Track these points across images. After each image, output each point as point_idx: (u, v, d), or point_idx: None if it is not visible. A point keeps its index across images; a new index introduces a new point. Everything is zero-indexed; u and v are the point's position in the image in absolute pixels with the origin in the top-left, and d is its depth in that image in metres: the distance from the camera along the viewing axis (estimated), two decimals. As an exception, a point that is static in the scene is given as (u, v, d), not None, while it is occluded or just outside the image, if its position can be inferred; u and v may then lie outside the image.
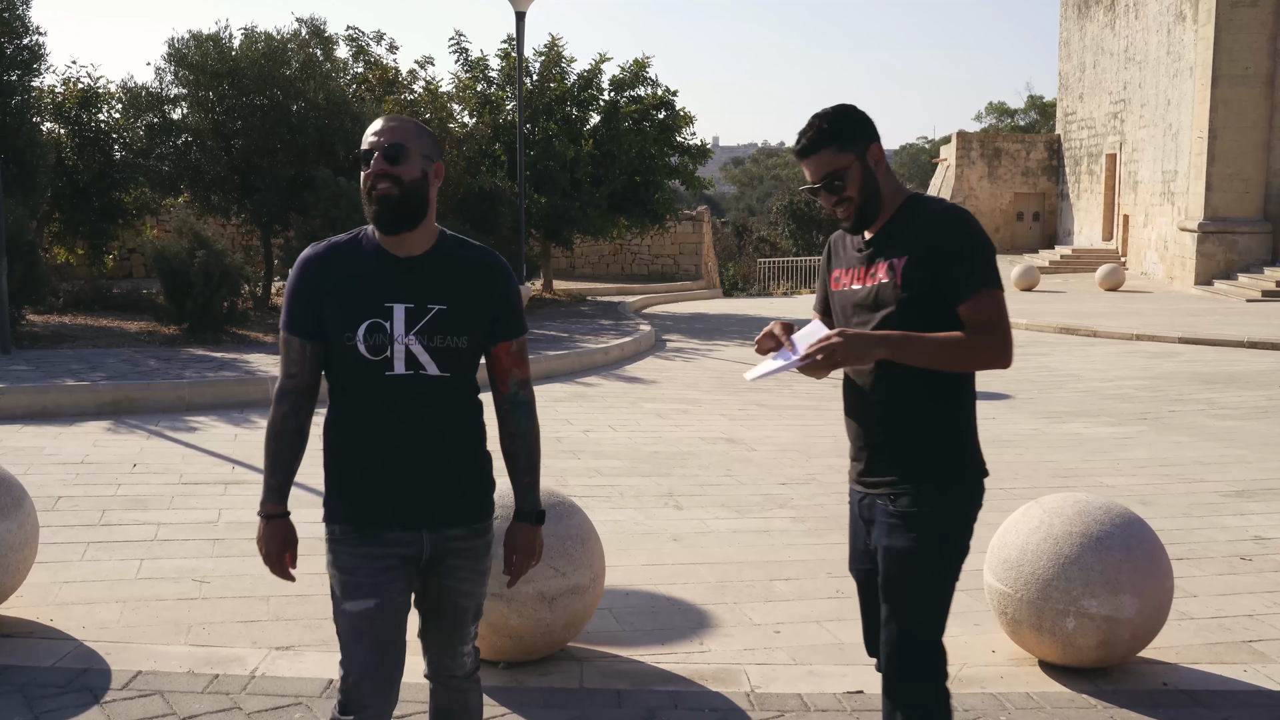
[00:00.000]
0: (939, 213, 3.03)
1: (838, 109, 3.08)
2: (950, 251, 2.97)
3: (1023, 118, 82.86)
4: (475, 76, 21.92)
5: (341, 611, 2.80)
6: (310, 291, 2.78)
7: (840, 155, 3.02)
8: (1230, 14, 27.25)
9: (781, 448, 9.39)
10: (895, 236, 3.07)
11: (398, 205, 2.74)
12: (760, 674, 4.63)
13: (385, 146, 2.75)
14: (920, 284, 2.99)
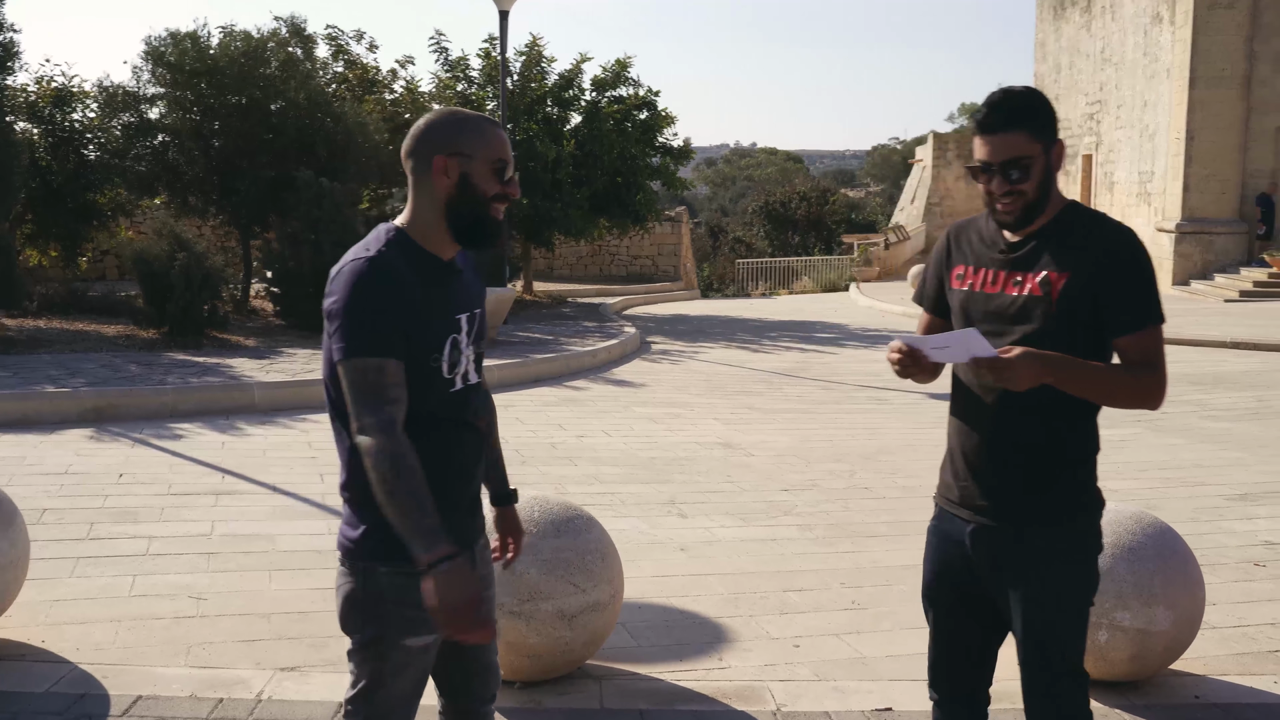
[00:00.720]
0: (1114, 233, 2.81)
1: (1034, 91, 2.81)
2: (1124, 279, 2.77)
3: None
4: (455, 76, 21.72)
5: (397, 646, 2.63)
6: (395, 308, 2.51)
7: (1032, 143, 2.77)
8: (1207, 16, 27.38)
9: (779, 452, 9.26)
10: (1054, 247, 2.83)
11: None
12: (784, 691, 4.50)
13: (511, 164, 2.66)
14: (1079, 307, 2.78)
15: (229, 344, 13.60)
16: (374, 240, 2.61)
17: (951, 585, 3.07)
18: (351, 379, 2.48)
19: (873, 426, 10.64)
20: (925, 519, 7.48)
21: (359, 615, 2.65)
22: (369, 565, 2.62)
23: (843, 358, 16.23)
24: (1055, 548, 2.87)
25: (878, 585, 5.91)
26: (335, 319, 2.51)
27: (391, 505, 2.44)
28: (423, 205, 2.62)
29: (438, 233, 2.62)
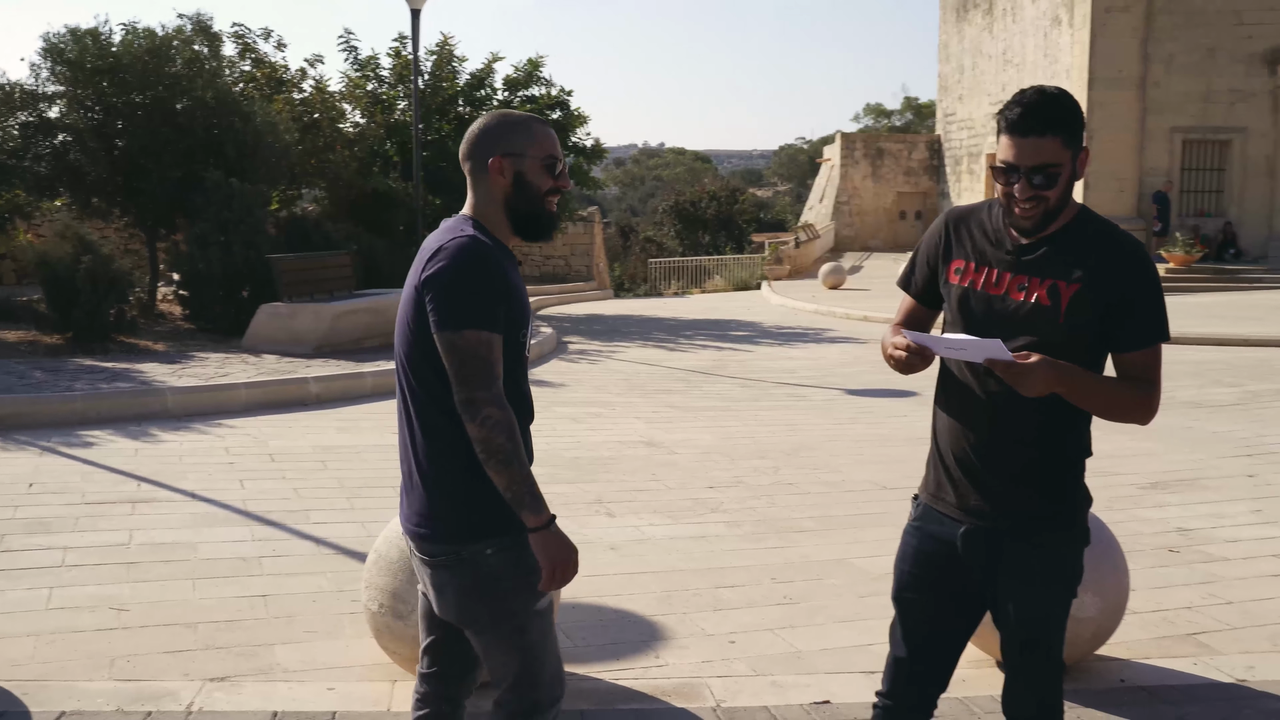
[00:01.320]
0: (1127, 248, 2.79)
1: (1068, 95, 2.73)
2: (1134, 296, 2.76)
3: (899, 118, 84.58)
4: (366, 75, 21.44)
5: (534, 614, 2.77)
6: (499, 286, 2.67)
7: (1063, 150, 2.70)
8: (1104, 19, 28.13)
9: (704, 450, 9.30)
10: (1063, 255, 2.78)
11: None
12: (723, 687, 4.52)
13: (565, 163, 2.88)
14: (1085, 320, 2.77)
15: (137, 349, 13.25)
16: (460, 224, 2.77)
17: (927, 587, 3.02)
18: (462, 350, 2.60)
19: (792, 423, 10.73)
20: (849, 513, 7.58)
21: (480, 602, 2.74)
22: (475, 549, 2.70)
23: (759, 355, 16.35)
24: (1053, 548, 2.89)
25: (808, 580, 5.96)
26: (441, 291, 2.62)
27: (507, 473, 2.59)
28: (484, 201, 2.82)
29: (501, 225, 2.82)
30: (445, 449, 2.70)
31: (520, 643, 2.75)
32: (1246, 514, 7.32)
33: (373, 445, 9.09)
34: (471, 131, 2.83)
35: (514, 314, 2.70)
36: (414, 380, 2.73)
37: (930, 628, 3.05)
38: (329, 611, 5.32)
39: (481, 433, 2.57)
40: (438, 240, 2.72)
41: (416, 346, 2.70)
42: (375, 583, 4.37)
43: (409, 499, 2.79)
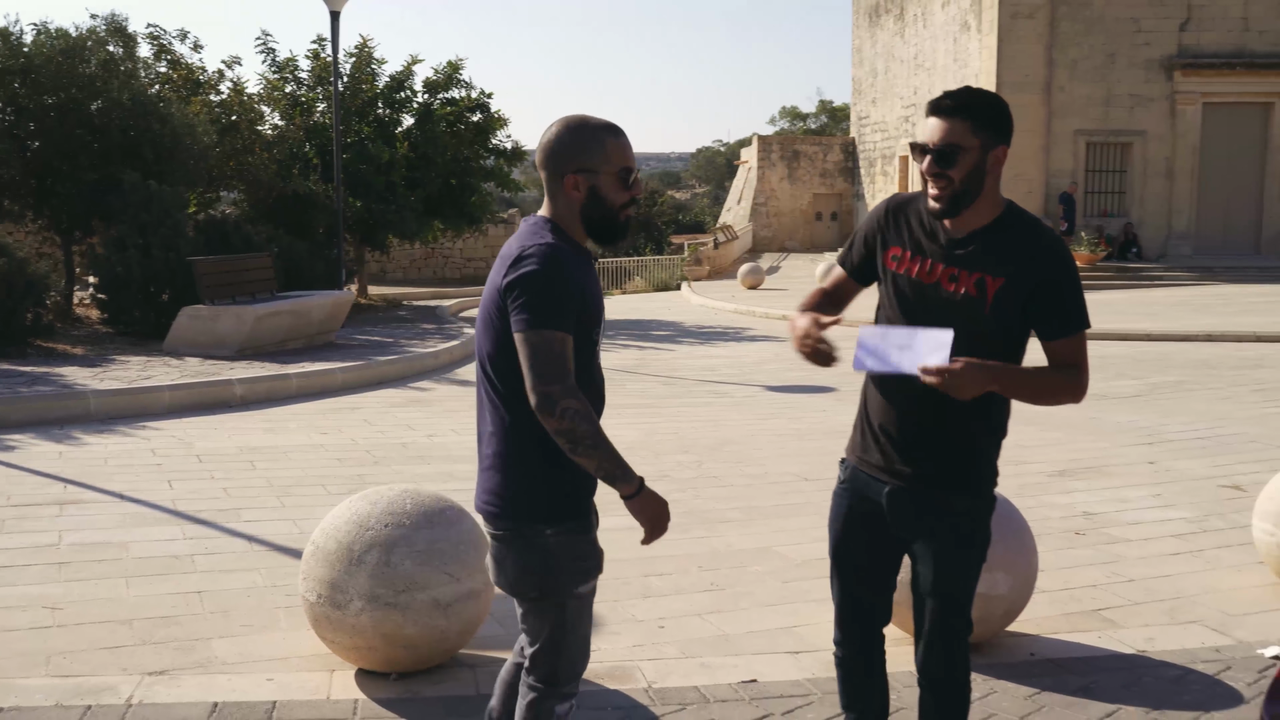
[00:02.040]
0: (1048, 243, 3.01)
1: (994, 95, 2.99)
2: (1058, 290, 3.00)
3: (814, 121, 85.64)
4: (284, 77, 21.28)
5: (572, 595, 3.02)
6: (574, 289, 2.86)
7: (969, 134, 2.91)
8: (1011, 25, 28.87)
9: (628, 445, 9.45)
10: (992, 251, 3.00)
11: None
12: (654, 669, 4.68)
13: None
14: (1009, 313, 3.00)
15: (56, 353, 13.06)
16: (540, 229, 2.96)
17: (859, 541, 3.31)
18: (538, 347, 2.80)
19: (714, 419, 10.94)
20: (772, 504, 7.79)
21: (533, 575, 3.00)
22: (535, 528, 2.96)
23: (680, 354, 16.58)
24: (968, 512, 3.16)
25: (733, 568, 6.15)
26: (524, 292, 2.81)
27: (595, 454, 2.83)
28: (561, 208, 2.99)
29: (577, 230, 2.99)
30: (518, 438, 2.93)
31: (557, 617, 3.03)
32: (1147, 498, 7.68)
33: (300, 445, 9.12)
34: (546, 143, 2.97)
35: (588, 313, 2.91)
36: (493, 374, 2.95)
37: (865, 576, 3.35)
38: (264, 605, 5.39)
39: (564, 424, 2.79)
40: (519, 244, 2.91)
41: (497, 343, 2.91)
42: (313, 574, 4.47)
43: (483, 479, 3.05)
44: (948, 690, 3.31)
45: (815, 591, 5.73)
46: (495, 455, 2.98)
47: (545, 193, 3.03)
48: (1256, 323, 18.27)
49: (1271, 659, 4.82)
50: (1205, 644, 5.03)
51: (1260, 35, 28.80)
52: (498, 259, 2.97)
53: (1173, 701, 4.40)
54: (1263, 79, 28.83)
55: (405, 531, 4.42)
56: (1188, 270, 27.52)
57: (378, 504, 4.52)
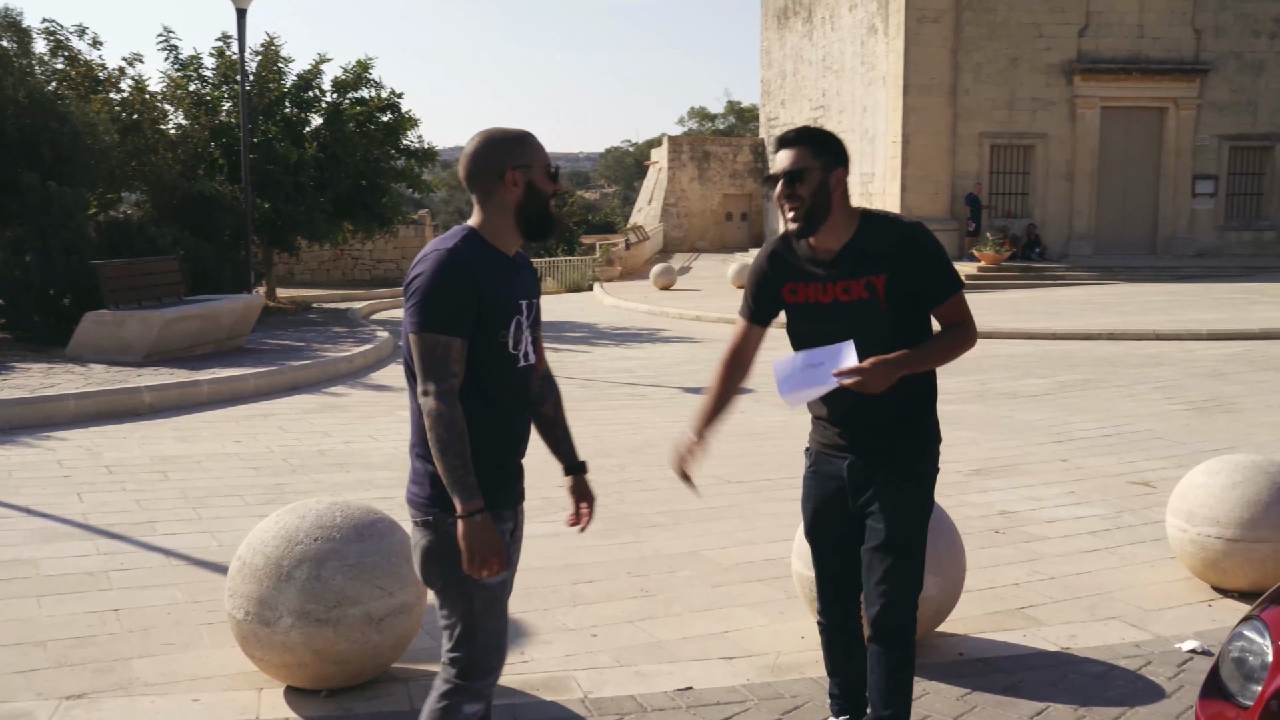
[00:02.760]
0: (907, 230, 3.48)
1: (826, 130, 3.51)
2: (928, 264, 3.47)
3: (722, 122, 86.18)
4: (188, 75, 20.79)
5: (480, 585, 3.05)
6: (465, 294, 2.95)
7: (811, 159, 3.40)
8: (917, 29, 29.33)
9: (548, 451, 9.39)
10: (863, 256, 3.45)
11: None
12: (589, 679, 4.66)
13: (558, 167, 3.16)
14: (902, 294, 3.45)
15: (-51, 360, 12.61)
16: (452, 235, 3.08)
17: (830, 517, 3.68)
18: (422, 350, 2.95)
19: (634, 422, 10.94)
20: (697, 507, 7.81)
21: (439, 564, 3.08)
22: (441, 516, 3.04)
23: (596, 356, 16.56)
24: (916, 466, 3.59)
25: (663, 573, 6.15)
26: (414, 296, 2.96)
27: (443, 461, 2.93)
28: (493, 212, 3.11)
29: (507, 233, 3.12)
30: (424, 430, 3.04)
31: (464, 608, 3.08)
32: (1062, 496, 7.84)
33: (214, 454, 8.91)
34: (474, 152, 3.10)
35: (489, 317, 3.01)
36: (406, 371, 3.11)
37: (839, 551, 3.71)
38: (186, 622, 5.25)
39: (428, 422, 2.94)
40: (427, 248, 3.06)
41: (406, 341, 3.05)
42: (240, 590, 4.36)
43: (411, 470, 3.16)
44: (893, 638, 3.57)
45: (746, 596, 5.75)
46: (413, 444, 3.13)
47: (475, 203, 3.13)
48: (1155, 321, 18.80)
49: (1189, 653, 4.96)
50: (1125, 639, 5.15)
51: (1155, 42, 29.66)
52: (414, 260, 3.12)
53: (1098, 698, 4.49)
54: (1157, 84, 29.69)
55: (336, 545, 4.33)
56: (1088, 270, 28.23)
57: (306, 517, 4.43)
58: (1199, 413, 11.08)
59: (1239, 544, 5.57)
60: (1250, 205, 30.67)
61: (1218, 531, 5.61)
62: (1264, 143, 30.22)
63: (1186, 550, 5.80)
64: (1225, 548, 5.60)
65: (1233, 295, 22.94)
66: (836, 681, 3.91)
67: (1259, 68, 29.93)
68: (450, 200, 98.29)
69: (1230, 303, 21.34)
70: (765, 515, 7.34)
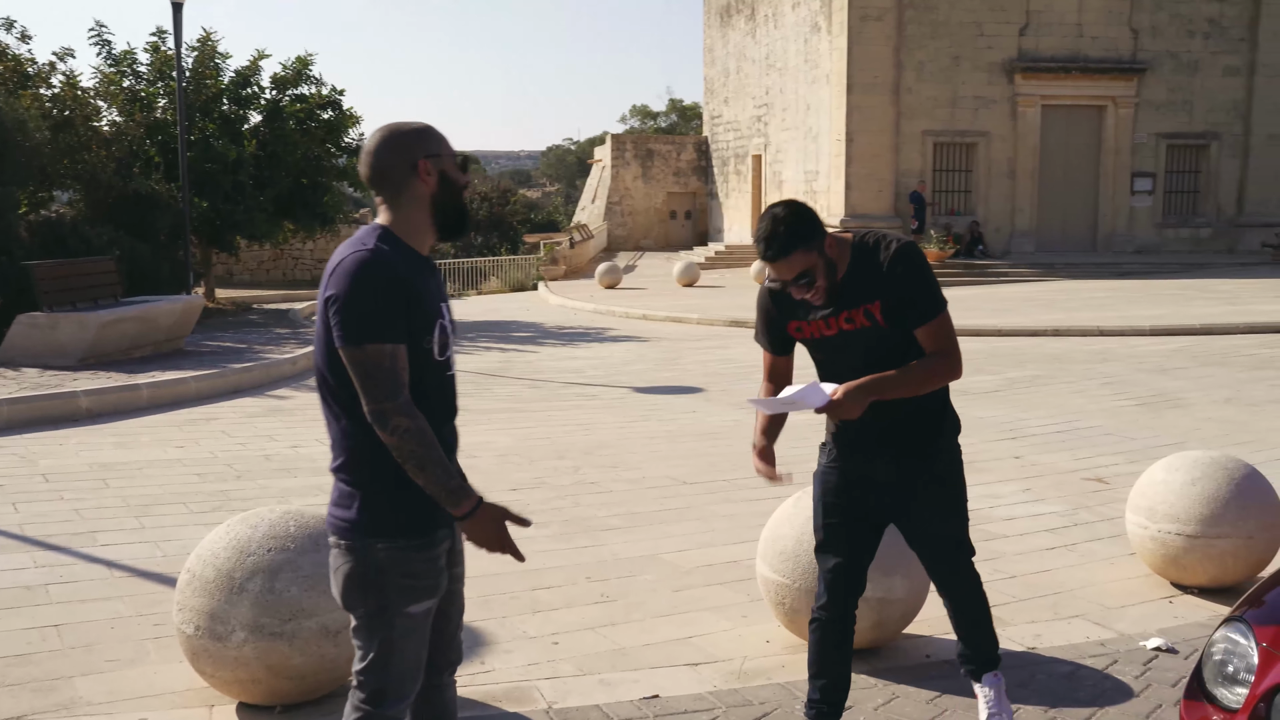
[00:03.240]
0: (893, 254, 3.53)
1: (795, 211, 3.43)
2: (910, 285, 3.51)
3: (664, 120, 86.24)
4: (121, 71, 20.31)
5: (401, 614, 2.90)
6: (398, 297, 2.76)
7: (809, 255, 3.42)
8: (860, 27, 29.47)
9: (501, 452, 9.28)
10: (860, 286, 3.53)
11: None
12: (553, 689, 4.55)
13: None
14: (898, 316, 3.54)
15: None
16: (366, 236, 2.84)
17: (850, 512, 3.77)
18: (365, 364, 2.72)
19: (585, 422, 10.83)
20: (653, 509, 7.70)
21: (361, 590, 2.90)
22: (367, 542, 2.87)
23: (544, 356, 16.41)
24: (946, 458, 3.76)
25: (622, 577, 6.04)
26: (343, 306, 2.72)
27: (426, 474, 2.76)
28: (406, 207, 2.90)
29: (422, 230, 2.93)
30: (355, 450, 2.86)
31: (384, 634, 2.92)
32: (1018, 493, 7.84)
33: (155, 460, 8.66)
34: (382, 144, 2.90)
35: (415, 322, 2.80)
36: (324, 388, 2.90)
37: (852, 545, 3.78)
38: (131, 638, 5.05)
39: (394, 440, 2.74)
40: (341, 253, 2.82)
41: (326, 355, 2.84)
42: (190, 604, 4.19)
43: (332, 492, 2.97)
44: (969, 595, 3.92)
45: (708, 599, 5.66)
46: (335, 469, 2.93)
47: (383, 203, 2.93)
48: (1099, 317, 19.00)
49: (1154, 651, 4.94)
50: (1090, 638, 5.13)
51: (1093, 41, 30.03)
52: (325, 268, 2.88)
53: (1068, 699, 4.45)
54: (1096, 83, 30.07)
55: (290, 556, 4.18)
56: (1030, 267, 28.52)
57: (259, 527, 4.27)
58: (1147, 408, 11.17)
59: (1199, 540, 5.57)
60: (1187, 203, 31.18)
61: (1178, 528, 5.61)
62: (1199, 141, 30.72)
63: (1147, 547, 5.79)
64: (1186, 544, 5.60)
65: (1172, 291, 23.26)
66: (819, 685, 3.84)
67: (1194, 67, 30.43)
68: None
69: (1170, 299, 21.63)
70: (723, 517, 7.26)
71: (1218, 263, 29.31)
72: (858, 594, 3.84)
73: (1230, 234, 30.94)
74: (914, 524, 3.81)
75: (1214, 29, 30.38)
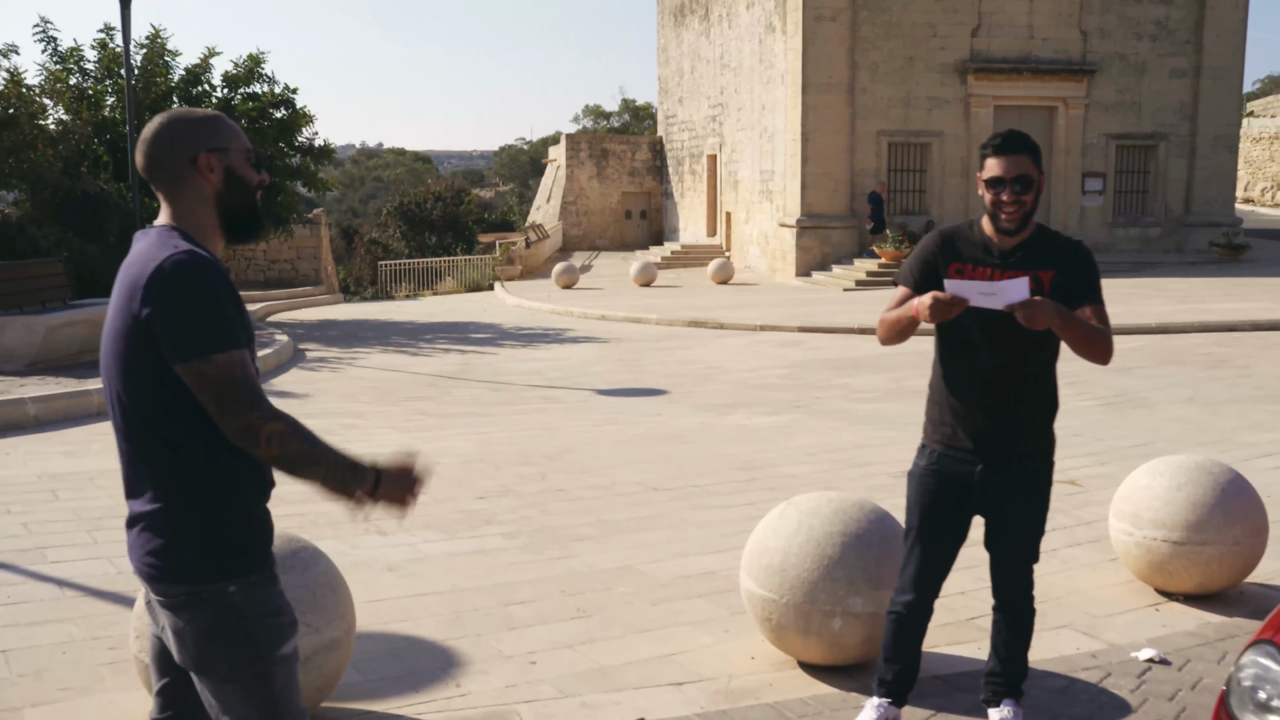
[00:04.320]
0: (1073, 244, 3.86)
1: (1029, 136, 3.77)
2: (1083, 273, 3.80)
3: (617, 120, 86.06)
4: (68, 69, 19.81)
5: (276, 661, 2.58)
6: (234, 300, 2.52)
7: (1034, 167, 3.72)
8: (815, 27, 29.43)
9: (465, 459, 9.06)
10: (1035, 255, 3.79)
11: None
12: (533, 713, 4.37)
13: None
14: (1060, 294, 3.73)
15: None
16: (168, 240, 2.53)
17: (948, 513, 3.94)
18: (216, 377, 2.42)
19: (549, 426, 10.64)
20: (624, 517, 7.53)
21: (224, 645, 2.53)
22: (218, 587, 2.52)
23: (503, 358, 16.19)
24: (1043, 474, 3.95)
25: (597, 590, 5.86)
26: (174, 319, 2.41)
27: (319, 470, 2.48)
28: (188, 205, 2.60)
29: (208, 230, 2.63)
30: (173, 484, 2.53)
31: (261, 693, 2.56)
32: (992, 498, 7.73)
33: (107, 470, 8.35)
34: (156, 135, 2.60)
35: (247, 326, 2.57)
36: (133, 415, 2.52)
37: (947, 544, 3.99)
38: (84, 663, 4.80)
39: (273, 450, 2.45)
40: (146, 260, 2.47)
41: (134, 379, 2.49)
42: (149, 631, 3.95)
43: (139, 538, 2.57)
44: (1023, 609, 4.07)
45: (687, 613, 5.49)
46: (153, 510, 2.54)
47: (163, 199, 2.62)
48: (1056, 317, 19.04)
49: (1146, 663, 4.84)
50: (1081, 649, 5.02)
51: (1044, 43, 30.19)
52: (118, 282, 2.54)
53: (1066, 714, 4.34)
54: (1046, 84, 30.22)
55: (256, 578, 3.95)
56: (985, 266, 28.61)
57: (223, 548, 4.03)
58: (1111, 408, 11.15)
59: (1185, 547, 5.48)
60: (1136, 202, 31.43)
61: (1164, 534, 5.52)
62: (1148, 141, 30.98)
63: (1132, 554, 5.70)
64: (1172, 550, 5.51)
65: (1125, 290, 23.40)
66: (894, 669, 4.07)
67: (1142, 69, 30.68)
68: (343, 199, 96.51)
69: (1124, 298, 21.74)
70: (695, 525, 7.10)
71: (1167, 261, 29.60)
72: (940, 587, 4.07)
73: (1179, 233, 31.23)
74: (999, 526, 3.97)
75: (1161, 31, 30.65)
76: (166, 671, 2.76)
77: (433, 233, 50.00)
